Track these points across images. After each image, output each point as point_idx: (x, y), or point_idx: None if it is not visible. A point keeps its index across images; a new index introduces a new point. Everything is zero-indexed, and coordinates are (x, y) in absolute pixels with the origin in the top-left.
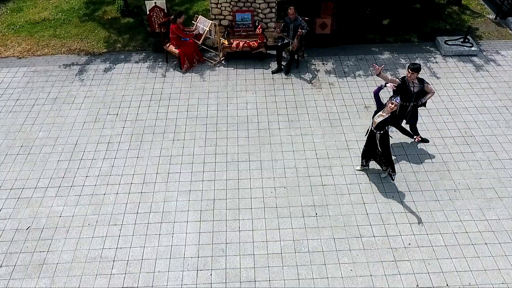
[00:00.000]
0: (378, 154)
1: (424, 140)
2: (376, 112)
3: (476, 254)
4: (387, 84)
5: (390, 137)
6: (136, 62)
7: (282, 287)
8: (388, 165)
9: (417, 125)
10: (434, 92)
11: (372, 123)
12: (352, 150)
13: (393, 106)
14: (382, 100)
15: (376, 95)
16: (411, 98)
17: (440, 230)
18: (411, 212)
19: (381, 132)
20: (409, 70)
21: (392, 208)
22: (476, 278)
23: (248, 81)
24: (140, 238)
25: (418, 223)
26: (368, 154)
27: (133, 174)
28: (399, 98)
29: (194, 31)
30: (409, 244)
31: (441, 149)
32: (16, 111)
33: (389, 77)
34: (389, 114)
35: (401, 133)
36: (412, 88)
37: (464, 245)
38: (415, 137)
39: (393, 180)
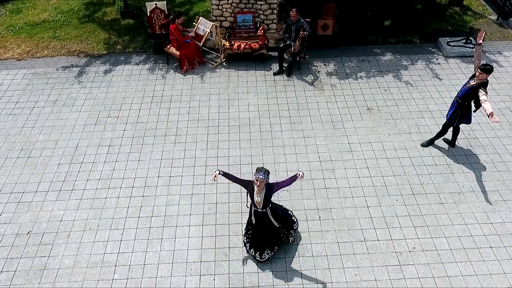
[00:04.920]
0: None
1: (430, 142)
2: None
3: (482, 258)
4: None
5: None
6: (137, 64)
7: None
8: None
9: (420, 127)
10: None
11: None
12: (355, 152)
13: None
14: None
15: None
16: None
17: (444, 234)
18: (415, 215)
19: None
20: (479, 71)
21: (396, 211)
22: (482, 282)
23: (250, 83)
24: (142, 243)
25: (423, 226)
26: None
27: (135, 178)
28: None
29: (191, 33)
30: (414, 248)
31: (444, 151)
32: (16, 113)
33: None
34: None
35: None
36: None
37: (469, 249)
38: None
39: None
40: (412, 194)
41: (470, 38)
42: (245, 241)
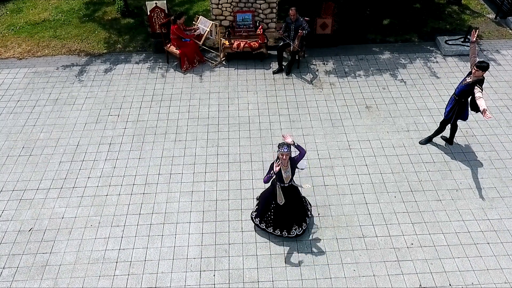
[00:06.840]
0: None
1: (429, 140)
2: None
3: (479, 253)
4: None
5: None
6: (137, 62)
7: None
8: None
9: (418, 125)
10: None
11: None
12: (353, 150)
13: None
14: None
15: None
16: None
17: (442, 230)
18: (413, 212)
19: None
20: (475, 68)
21: (394, 208)
22: (479, 277)
23: (249, 81)
24: (143, 239)
25: (421, 223)
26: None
27: (135, 175)
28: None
29: (195, 31)
30: (412, 244)
31: (442, 148)
32: (17, 112)
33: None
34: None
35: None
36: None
37: (466, 245)
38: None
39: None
40: (410, 191)
41: (468, 36)
42: (263, 226)
